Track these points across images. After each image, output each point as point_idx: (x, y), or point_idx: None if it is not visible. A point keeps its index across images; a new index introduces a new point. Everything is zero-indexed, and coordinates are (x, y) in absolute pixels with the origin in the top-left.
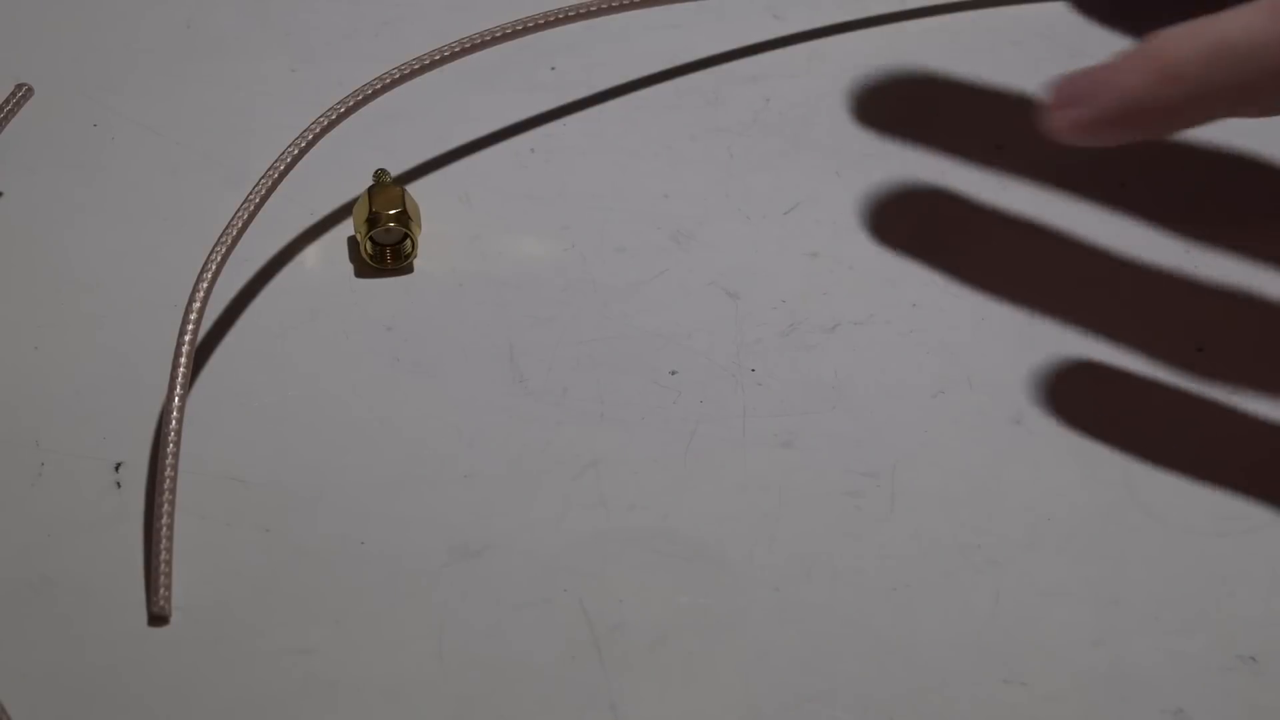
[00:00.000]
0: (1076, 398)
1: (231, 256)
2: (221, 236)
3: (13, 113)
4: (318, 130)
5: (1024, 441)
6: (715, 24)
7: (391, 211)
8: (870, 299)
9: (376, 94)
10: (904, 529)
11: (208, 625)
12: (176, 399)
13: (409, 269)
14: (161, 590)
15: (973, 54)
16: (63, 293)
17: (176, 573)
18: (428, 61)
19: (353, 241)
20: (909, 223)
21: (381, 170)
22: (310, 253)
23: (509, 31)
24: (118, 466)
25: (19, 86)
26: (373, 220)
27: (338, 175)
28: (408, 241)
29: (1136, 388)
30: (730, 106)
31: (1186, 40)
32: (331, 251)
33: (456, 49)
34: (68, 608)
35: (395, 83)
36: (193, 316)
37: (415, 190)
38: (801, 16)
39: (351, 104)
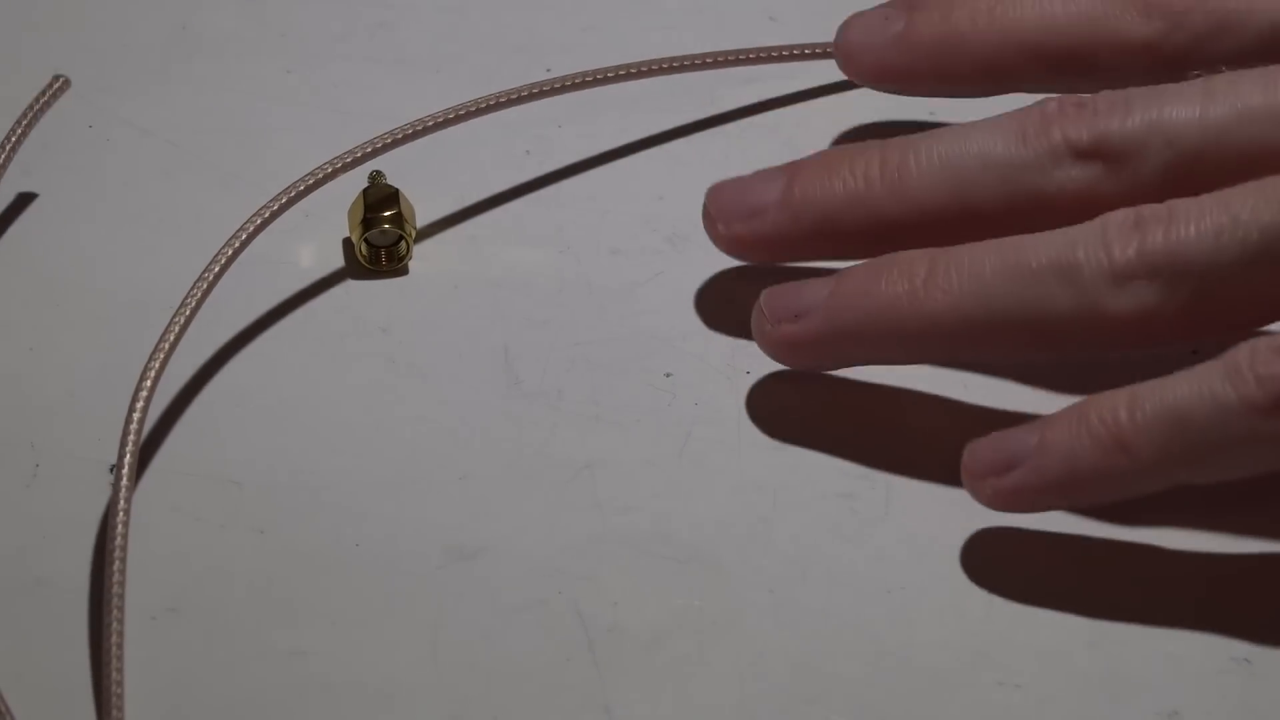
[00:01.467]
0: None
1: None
2: (151, 358)
3: (48, 104)
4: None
5: None
6: (711, 26)
7: (386, 213)
8: None
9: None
10: (899, 531)
11: (202, 627)
12: (121, 511)
13: (404, 271)
14: (114, 713)
15: None
16: (57, 294)
17: (172, 574)
18: (409, 131)
19: (348, 243)
20: None
21: (376, 172)
22: (305, 254)
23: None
24: (112, 468)
25: (55, 78)
26: (368, 222)
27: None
28: (403, 243)
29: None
30: (726, 109)
31: (1138, 409)
32: (326, 253)
33: (440, 118)
34: (63, 608)
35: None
36: (132, 429)
37: (410, 191)
38: (797, 19)
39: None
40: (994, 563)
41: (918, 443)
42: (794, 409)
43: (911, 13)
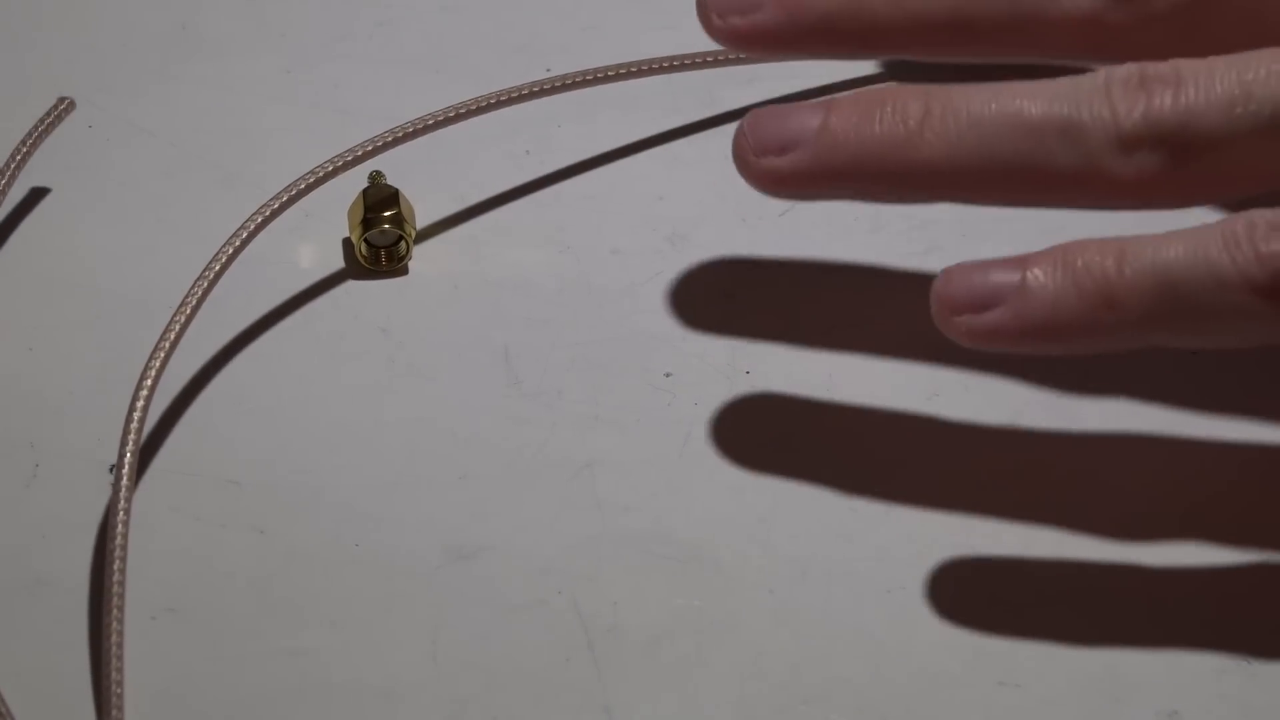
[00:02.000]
0: (1067, 401)
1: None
2: (151, 358)
3: (53, 125)
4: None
5: (1019, 443)
6: None
7: (386, 213)
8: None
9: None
10: (899, 531)
11: (202, 626)
12: (121, 511)
13: (403, 271)
14: (114, 713)
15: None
16: (57, 294)
17: (172, 574)
18: (390, 139)
19: (347, 243)
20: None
21: (376, 172)
22: (304, 254)
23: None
24: (112, 468)
25: (60, 100)
26: (367, 222)
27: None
28: (402, 243)
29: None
30: (726, 108)
31: (1127, 264)
32: (326, 253)
33: (442, 116)
34: (62, 608)
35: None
36: (132, 429)
37: (410, 192)
38: None
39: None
40: (994, 563)
41: (918, 442)
42: (794, 408)
43: None
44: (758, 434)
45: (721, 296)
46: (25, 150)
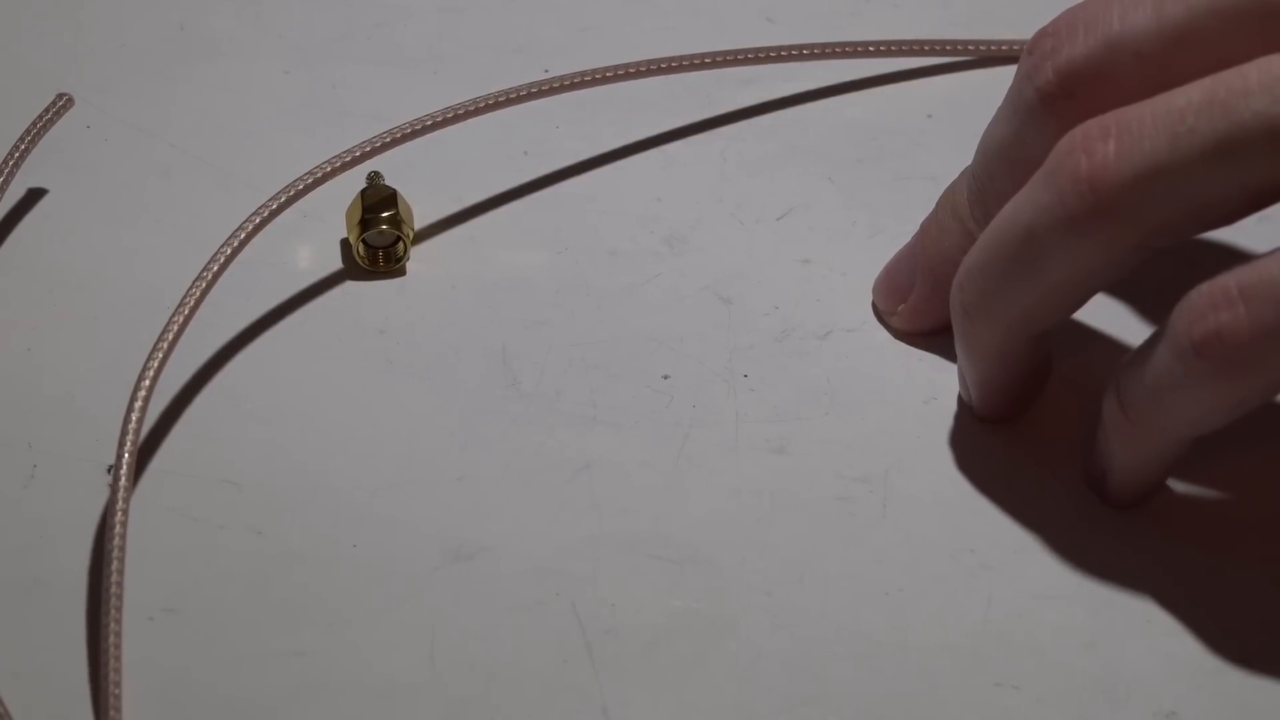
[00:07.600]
0: (1067, 402)
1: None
2: (149, 358)
3: (52, 122)
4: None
5: (1016, 446)
6: (709, 27)
7: (384, 214)
8: (863, 306)
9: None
10: (896, 534)
11: (200, 627)
12: (119, 511)
13: (401, 271)
14: (111, 714)
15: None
16: (55, 294)
17: (170, 574)
18: (402, 134)
19: (345, 244)
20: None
21: (374, 172)
22: (303, 255)
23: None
24: (110, 469)
25: (59, 96)
26: (365, 222)
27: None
28: (400, 244)
29: None
30: (723, 110)
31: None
32: (324, 254)
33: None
34: (60, 609)
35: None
36: (130, 430)
37: (408, 192)
38: (794, 20)
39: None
40: (991, 563)
41: (916, 445)
42: (791, 411)
43: None
44: (755, 437)
45: (719, 299)
46: (24, 147)
